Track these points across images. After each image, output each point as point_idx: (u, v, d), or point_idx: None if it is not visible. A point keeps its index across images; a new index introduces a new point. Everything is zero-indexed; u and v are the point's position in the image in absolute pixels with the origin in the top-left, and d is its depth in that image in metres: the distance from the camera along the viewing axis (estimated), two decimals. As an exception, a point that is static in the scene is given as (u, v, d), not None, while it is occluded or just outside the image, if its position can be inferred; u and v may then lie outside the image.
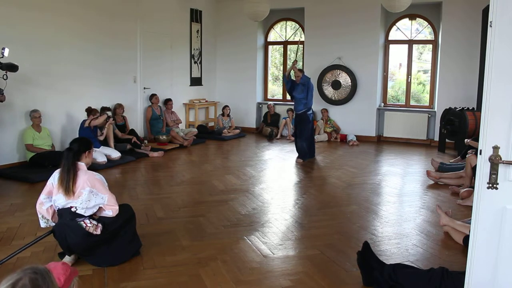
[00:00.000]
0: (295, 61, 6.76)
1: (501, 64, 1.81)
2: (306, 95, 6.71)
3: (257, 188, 5.34)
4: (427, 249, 3.49)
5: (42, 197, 3.19)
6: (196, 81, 9.93)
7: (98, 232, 3.08)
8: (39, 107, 6.20)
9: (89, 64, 7.14)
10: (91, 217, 3.12)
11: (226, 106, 9.73)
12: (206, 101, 10.10)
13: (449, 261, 3.21)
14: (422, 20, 8.94)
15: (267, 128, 9.60)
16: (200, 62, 10.00)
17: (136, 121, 8.25)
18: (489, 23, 1.83)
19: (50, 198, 3.17)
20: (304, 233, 3.85)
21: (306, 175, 6.09)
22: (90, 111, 6.55)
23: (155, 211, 4.38)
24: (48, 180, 3.18)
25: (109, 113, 6.79)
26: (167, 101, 8.64)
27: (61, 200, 3.07)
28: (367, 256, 2.87)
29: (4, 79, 5.32)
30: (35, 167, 5.89)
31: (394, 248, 3.50)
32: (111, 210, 3.17)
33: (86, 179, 3.06)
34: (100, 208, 3.15)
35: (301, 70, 6.87)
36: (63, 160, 3.09)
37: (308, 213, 4.41)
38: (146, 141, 7.76)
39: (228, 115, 9.66)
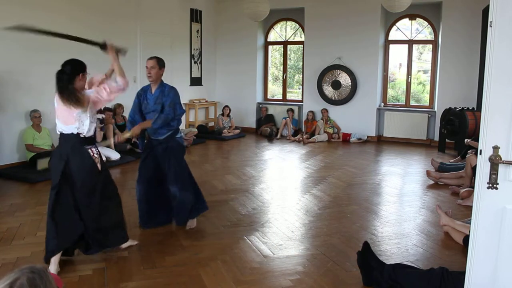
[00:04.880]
0: None
1: (501, 64, 1.81)
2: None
3: (257, 188, 5.34)
4: (427, 249, 3.49)
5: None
6: (196, 81, 9.93)
7: (100, 166, 3.08)
8: (39, 107, 6.20)
9: (89, 64, 7.07)
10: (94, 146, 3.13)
11: (226, 106, 9.73)
12: (206, 101, 10.10)
13: (449, 261, 3.21)
14: (422, 20, 8.94)
15: (266, 128, 9.61)
16: (200, 62, 10.00)
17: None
18: (489, 23, 1.83)
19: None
20: (304, 233, 3.85)
21: (306, 175, 6.09)
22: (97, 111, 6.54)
23: (155, 211, 4.37)
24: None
25: (99, 116, 6.66)
26: (167, 101, 8.62)
27: (63, 125, 3.03)
28: (367, 256, 2.87)
29: None
30: (35, 167, 5.88)
31: (394, 248, 3.50)
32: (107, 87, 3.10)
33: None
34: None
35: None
36: (57, 84, 3.00)
37: (308, 213, 4.41)
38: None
39: (228, 115, 9.66)
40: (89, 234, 3.12)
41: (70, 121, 3.01)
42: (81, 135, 3.03)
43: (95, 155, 3.09)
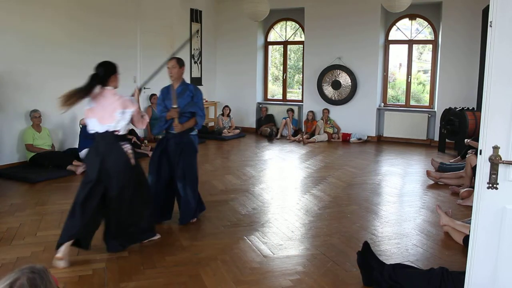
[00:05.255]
0: None
1: (501, 64, 1.81)
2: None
3: (257, 188, 5.34)
4: (427, 249, 3.49)
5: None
6: (196, 81, 9.92)
7: (132, 161, 3.25)
8: (39, 107, 6.20)
9: (89, 64, 7.05)
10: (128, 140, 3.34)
11: (226, 106, 9.73)
12: (206, 101, 10.08)
13: (449, 261, 3.21)
14: (422, 20, 8.94)
15: (266, 128, 9.61)
16: (200, 62, 10.00)
17: (136, 121, 8.24)
18: (489, 23, 1.83)
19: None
20: (304, 233, 3.85)
21: (306, 175, 6.09)
22: None
23: (155, 211, 4.37)
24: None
25: None
26: (167, 101, 8.62)
27: (98, 124, 3.22)
28: (367, 256, 2.87)
29: None
30: (35, 167, 5.89)
31: (394, 248, 3.50)
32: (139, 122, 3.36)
33: (122, 103, 3.20)
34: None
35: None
36: (90, 85, 3.23)
37: (308, 213, 4.41)
38: (146, 141, 7.76)
39: (228, 115, 9.66)
40: (122, 228, 3.31)
41: (108, 120, 3.19)
42: (115, 133, 3.22)
43: (129, 150, 3.27)
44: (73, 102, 3.15)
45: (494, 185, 1.84)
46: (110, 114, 3.18)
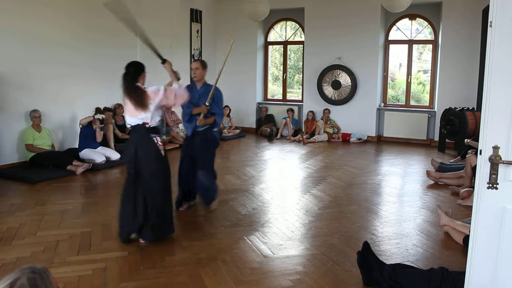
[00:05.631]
0: None
1: (501, 64, 1.81)
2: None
3: (257, 188, 5.34)
4: (427, 249, 3.49)
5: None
6: (196, 81, 9.92)
7: (163, 153, 3.52)
8: (39, 107, 6.20)
9: (89, 64, 7.14)
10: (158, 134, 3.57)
11: (226, 106, 9.70)
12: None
13: (449, 261, 3.21)
14: (422, 20, 8.94)
15: (266, 128, 9.61)
16: (200, 62, 9.99)
17: (136, 121, 8.23)
18: (489, 23, 1.83)
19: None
20: (304, 233, 3.85)
21: (306, 175, 6.09)
22: (97, 110, 6.58)
23: (155, 211, 4.37)
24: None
25: (98, 116, 6.68)
26: (167, 101, 8.62)
27: (131, 118, 3.50)
28: (367, 256, 2.87)
29: None
30: (35, 167, 5.89)
31: (394, 248, 3.50)
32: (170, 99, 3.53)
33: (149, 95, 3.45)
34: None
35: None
36: (123, 84, 3.48)
37: (308, 213, 4.41)
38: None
39: (228, 115, 9.66)
40: (152, 216, 3.49)
41: (135, 113, 3.46)
42: (146, 125, 3.48)
43: (159, 142, 3.53)
44: (138, 100, 3.43)
45: (494, 185, 1.85)
46: (147, 103, 3.44)
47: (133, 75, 3.49)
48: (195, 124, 4.27)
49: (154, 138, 3.50)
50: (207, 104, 4.21)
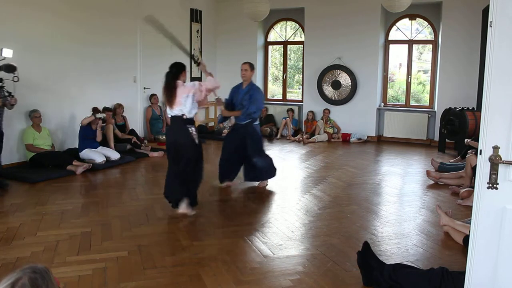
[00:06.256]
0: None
1: (501, 64, 1.81)
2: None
3: (257, 188, 5.34)
4: (427, 249, 3.49)
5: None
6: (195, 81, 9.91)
7: (196, 140, 4.16)
8: (39, 107, 6.20)
9: (89, 64, 7.14)
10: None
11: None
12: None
13: (449, 261, 3.21)
14: (422, 20, 8.94)
15: (266, 128, 9.60)
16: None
17: (136, 121, 8.25)
18: (489, 23, 1.83)
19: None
20: (304, 233, 3.85)
21: (306, 175, 6.09)
22: (94, 111, 6.57)
23: (155, 211, 4.38)
24: None
25: (100, 115, 6.67)
26: (167, 101, 8.62)
27: (170, 110, 4.17)
28: (367, 256, 2.87)
29: (15, 81, 5.23)
30: (35, 167, 5.89)
31: (394, 248, 3.50)
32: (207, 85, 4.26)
33: (184, 90, 4.11)
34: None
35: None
36: (165, 81, 4.16)
37: (308, 213, 4.41)
38: (146, 141, 7.76)
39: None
40: (188, 190, 4.22)
41: (176, 105, 4.11)
42: (183, 117, 4.11)
43: (194, 132, 4.15)
44: (169, 95, 4.11)
45: (494, 185, 1.85)
46: (177, 100, 4.08)
47: (175, 74, 4.16)
48: (236, 120, 5.23)
49: (190, 129, 4.11)
50: (222, 101, 5.25)
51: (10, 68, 5.25)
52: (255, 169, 5.22)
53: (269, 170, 5.34)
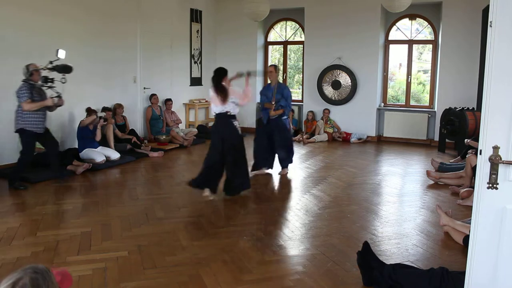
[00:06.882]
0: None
1: (501, 64, 1.81)
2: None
3: (257, 188, 5.34)
4: (427, 249, 3.49)
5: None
6: (196, 81, 9.93)
7: (240, 131, 4.87)
8: (39, 107, 6.18)
9: (89, 64, 7.14)
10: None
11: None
12: (206, 101, 10.08)
13: (449, 261, 3.21)
14: (422, 20, 8.94)
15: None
16: (200, 62, 10.00)
17: (136, 121, 8.24)
18: (489, 23, 1.83)
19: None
20: (304, 233, 3.85)
21: (306, 175, 6.09)
22: (89, 111, 6.55)
23: (155, 211, 4.38)
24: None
25: (100, 114, 6.67)
26: (167, 101, 8.62)
27: (217, 108, 4.81)
28: (367, 256, 2.87)
29: (63, 83, 5.21)
30: (35, 167, 5.88)
31: (394, 248, 3.50)
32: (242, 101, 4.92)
33: (234, 92, 4.80)
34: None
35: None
36: (213, 83, 4.83)
37: (308, 213, 4.41)
38: (146, 141, 7.76)
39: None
40: (232, 179, 4.85)
41: (220, 104, 4.76)
42: (228, 113, 4.79)
43: (237, 125, 4.86)
44: (224, 95, 4.74)
45: (494, 185, 1.85)
46: (228, 99, 4.74)
47: (219, 77, 4.77)
48: (268, 114, 5.88)
49: (234, 122, 4.81)
50: (273, 103, 5.86)
51: (67, 69, 5.15)
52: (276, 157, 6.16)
53: (284, 162, 6.14)
